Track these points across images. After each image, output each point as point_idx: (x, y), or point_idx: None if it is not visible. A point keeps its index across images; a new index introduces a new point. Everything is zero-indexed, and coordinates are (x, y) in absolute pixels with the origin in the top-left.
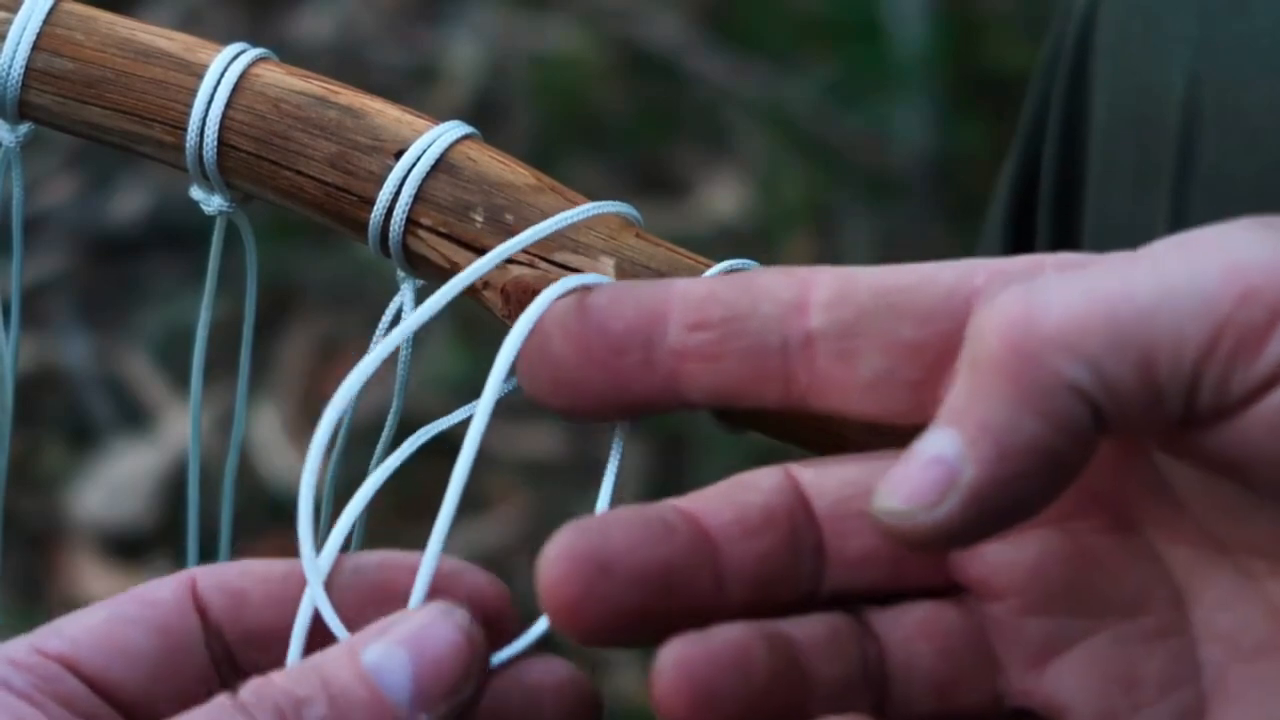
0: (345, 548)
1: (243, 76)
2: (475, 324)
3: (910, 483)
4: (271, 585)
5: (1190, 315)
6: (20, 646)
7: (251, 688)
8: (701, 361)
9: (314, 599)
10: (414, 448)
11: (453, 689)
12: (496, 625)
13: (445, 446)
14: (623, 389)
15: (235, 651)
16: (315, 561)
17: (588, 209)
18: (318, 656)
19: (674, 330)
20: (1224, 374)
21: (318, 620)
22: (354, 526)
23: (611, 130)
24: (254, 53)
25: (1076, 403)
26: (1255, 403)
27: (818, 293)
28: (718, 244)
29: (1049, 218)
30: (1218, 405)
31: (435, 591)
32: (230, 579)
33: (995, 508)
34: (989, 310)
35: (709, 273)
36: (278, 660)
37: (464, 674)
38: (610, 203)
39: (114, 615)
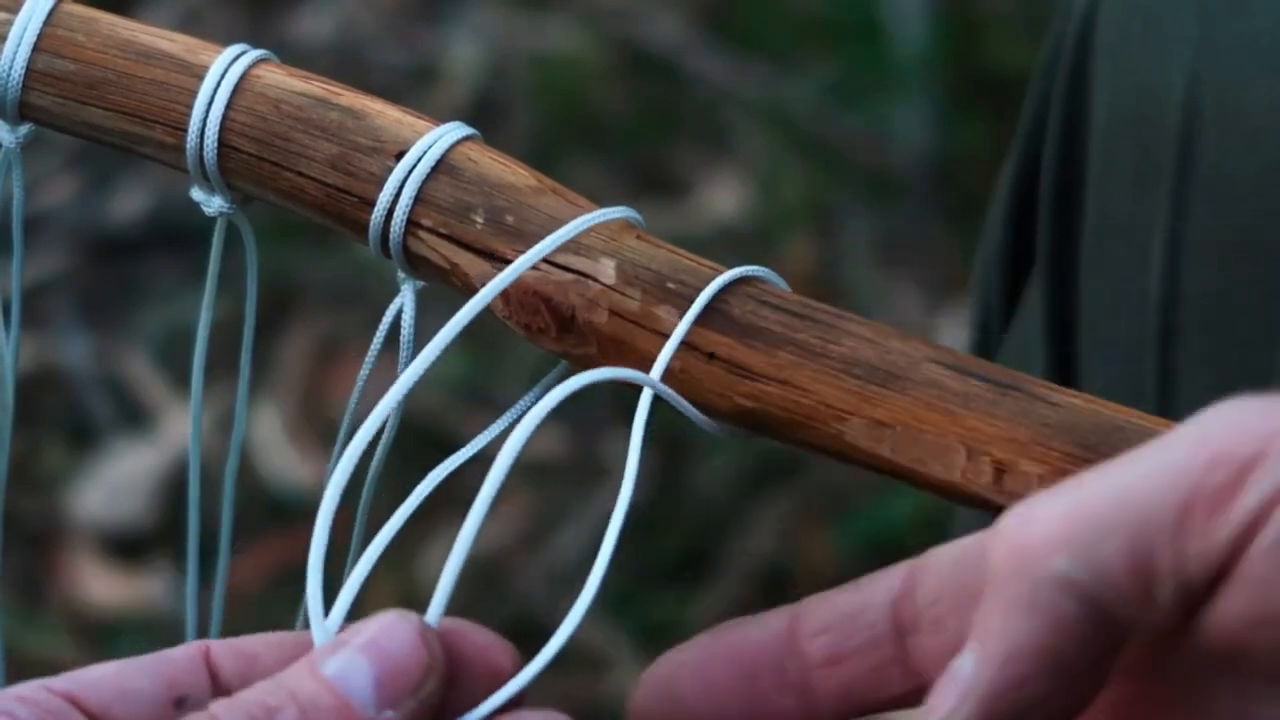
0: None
1: (243, 78)
2: (475, 324)
3: (938, 694)
4: (284, 649)
5: (1162, 490)
6: (29, 685)
7: (223, 703)
8: (827, 667)
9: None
10: (428, 489)
11: (415, 686)
12: (499, 679)
13: (443, 446)
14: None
15: None
16: (323, 624)
17: (595, 216)
18: (282, 674)
19: (801, 642)
20: (1204, 541)
21: None
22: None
23: (611, 130)
24: (254, 54)
25: (1069, 598)
26: (1237, 565)
27: (919, 575)
28: (718, 244)
29: (1049, 218)
30: (1206, 577)
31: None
32: (243, 644)
33: (1007, 712)
34: (996, 531)
35: (719, 279)
36: None
37: (424, 671)
38: (616, 208)
39: (126, 665)
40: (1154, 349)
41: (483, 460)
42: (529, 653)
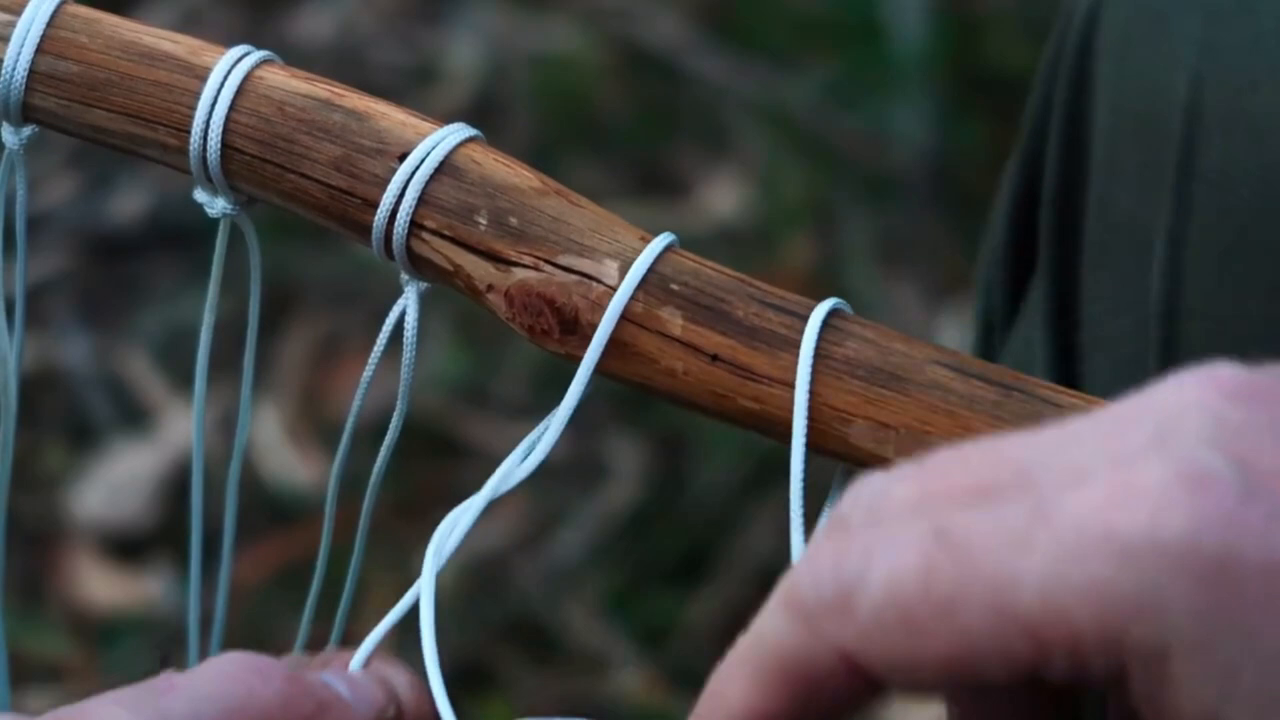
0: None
1: (246, 79)
2: (475, 324)
3: None
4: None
5: None
6: None
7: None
8: None
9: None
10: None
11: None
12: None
13: (443, 446)
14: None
15: None
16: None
17: (661, 241)
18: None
19: None
20: None
21: None
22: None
23: (611, 130)
24: (257, 55)
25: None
26: None
27: None
28: (718, 244)
29: (1051, 218)
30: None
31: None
32: None
33: None
34: None
35: (817, 313)
36: None
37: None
38: (664, 235)
39: None
40: (1155, 349)
41: (483, 460)
42: (529, 653)
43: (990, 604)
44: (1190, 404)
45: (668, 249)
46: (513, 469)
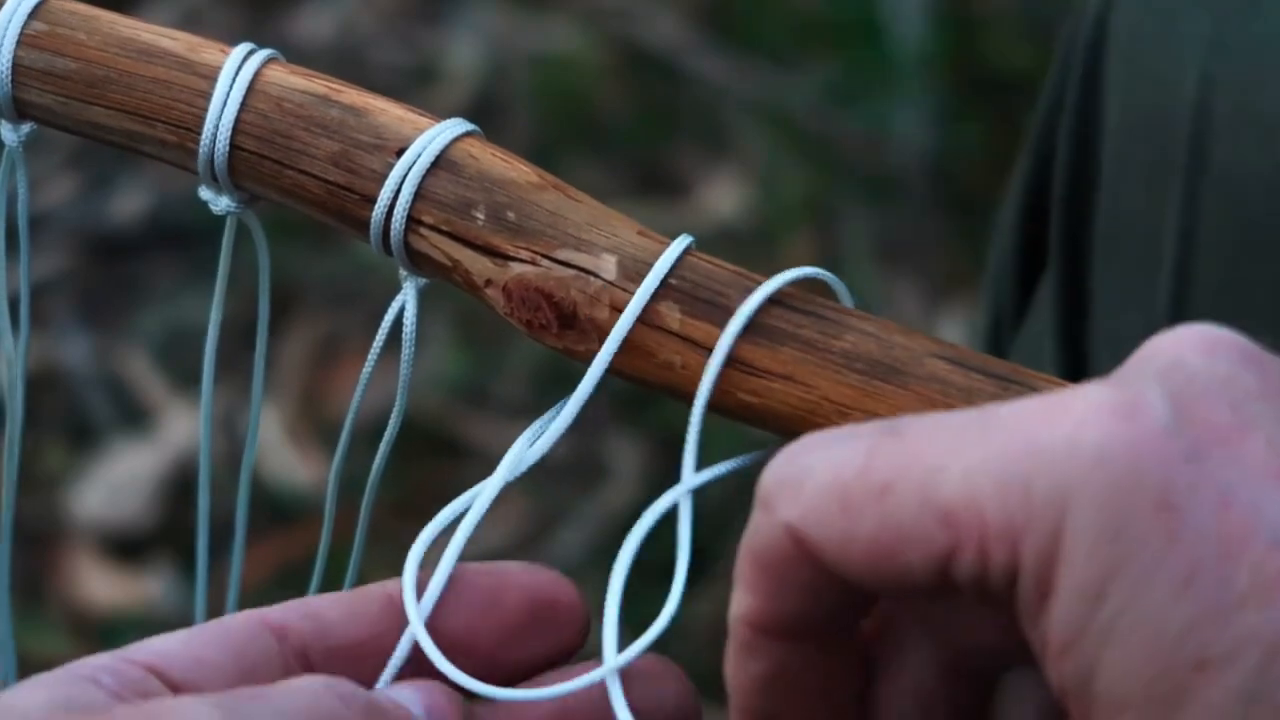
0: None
1: (253, 78)
2: (475, 324)
3: None
4: (353, 609)
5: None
6: (106, 656)
7: None
8: None
9: (415, 633)
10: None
11: None
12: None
13: (443, 446)
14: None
15: (318, 668)
16: (416, 608)
17: (679, 243)
18: None
19: None
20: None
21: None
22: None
23: (611, 130)
24: (263, 54)
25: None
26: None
27: None
28: (718, 244)
29: (1061, 216)
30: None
31: (490, 591)
32: (309, 604)
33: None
34: None
35: (769, 284)
36: (365, 675)
37: None
38: (682, 237)
39: (191, 636)
40: None
41: (483, 460)
42: None
43: (917, 489)
44: (1163, 349)
45: (686, 251)
46: (522, 453)
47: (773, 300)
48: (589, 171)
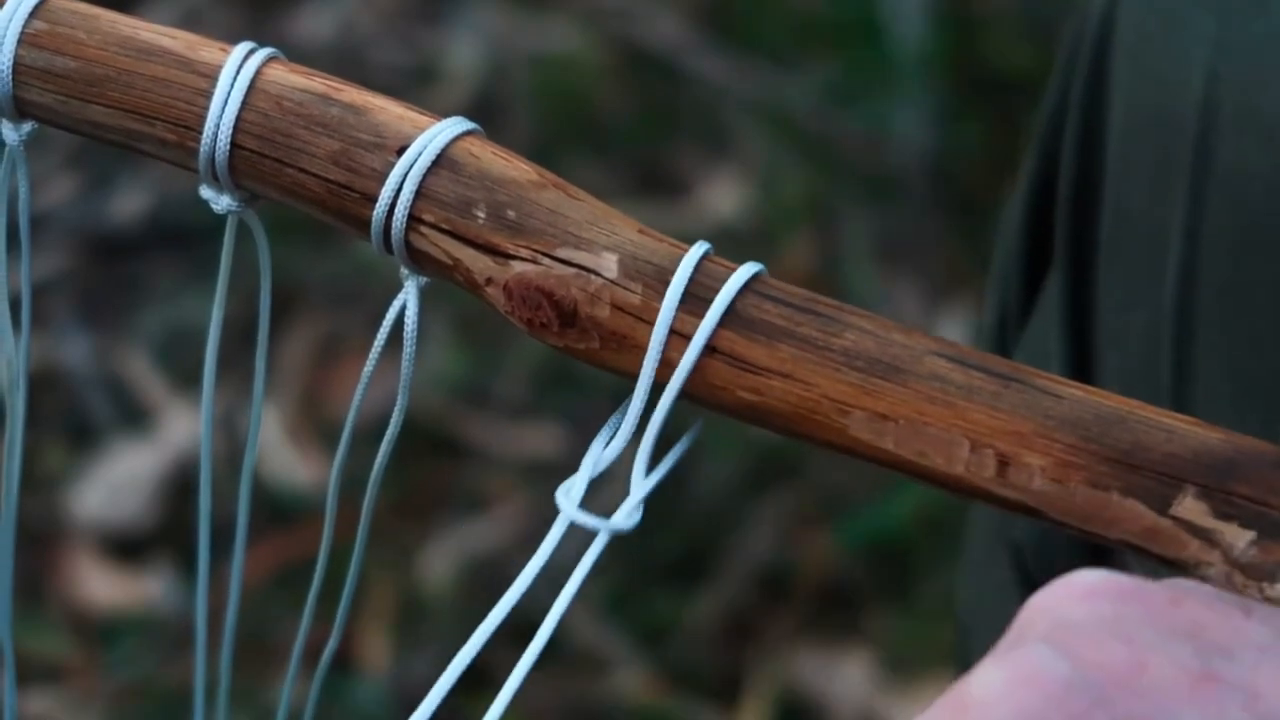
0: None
1: (254, 77)
2: (475, 324)
3: None
4: None
5: None
6: None
7: None
8: None
9: None
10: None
11: None
12: None
13: (443, 446)
14: None
15: None
16: None
17: (696, 250)
18: None
19: None
20: None
21: None
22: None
23: (611, 130)
24: (264, 53)
25: None
26: None
27: None
28: (718, 243)
29: (1067, 215)
30: None
31: None
32: None
33: None
34: None
35: (688, 256)
36: None
37: None
38: (700, 242)
39: None
40: (1169, 344)
41: (483, 460)
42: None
43: None
44: (1042, 609)
45: (704, 257)
46: (597, 455)
47: (772, 298)
48: (589, 171)
